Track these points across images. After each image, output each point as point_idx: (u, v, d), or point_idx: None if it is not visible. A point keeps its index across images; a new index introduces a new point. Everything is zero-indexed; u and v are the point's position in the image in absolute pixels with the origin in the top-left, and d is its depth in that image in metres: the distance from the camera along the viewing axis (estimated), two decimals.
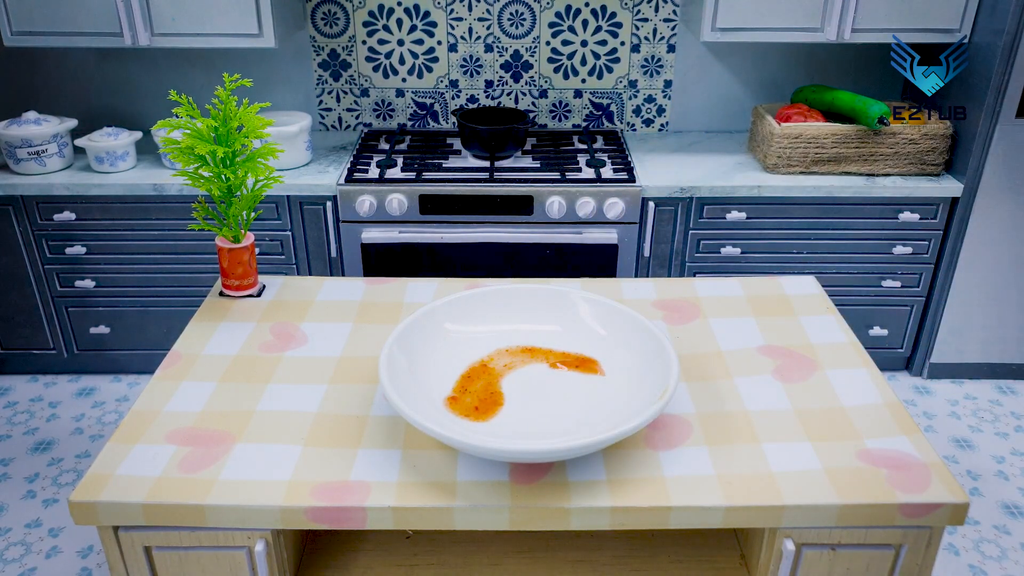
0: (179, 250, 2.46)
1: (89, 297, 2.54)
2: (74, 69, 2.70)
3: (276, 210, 2.38)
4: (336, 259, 2.44)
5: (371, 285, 1.26)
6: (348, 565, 1.02)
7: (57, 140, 2.41)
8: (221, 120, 1.14)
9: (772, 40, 2.37)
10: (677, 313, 1.17)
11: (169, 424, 0.94)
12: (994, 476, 2.26)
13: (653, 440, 0.91)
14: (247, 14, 2.30)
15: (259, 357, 1.08)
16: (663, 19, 2.66)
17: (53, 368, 2.73)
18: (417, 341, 0.95)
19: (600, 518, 0.83)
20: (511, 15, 2.65)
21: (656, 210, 2.37)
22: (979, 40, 2.31)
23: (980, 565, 1.96)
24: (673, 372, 0.85)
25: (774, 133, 2.37)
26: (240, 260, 1.20)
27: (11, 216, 2.40)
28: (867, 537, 0.87)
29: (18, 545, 2.03)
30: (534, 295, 1.03)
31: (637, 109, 2.79)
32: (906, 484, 0.84)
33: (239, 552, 0.88)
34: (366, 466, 0.87)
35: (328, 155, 2.58)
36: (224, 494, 0.84)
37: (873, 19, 2.32)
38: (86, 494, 0.84)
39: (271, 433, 0.93)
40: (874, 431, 0.92)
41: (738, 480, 0.85)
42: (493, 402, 0.91)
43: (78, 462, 2.33)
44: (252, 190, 1.20)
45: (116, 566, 0.90)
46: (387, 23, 2.65)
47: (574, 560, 1.03)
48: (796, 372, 1.03)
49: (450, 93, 2.76)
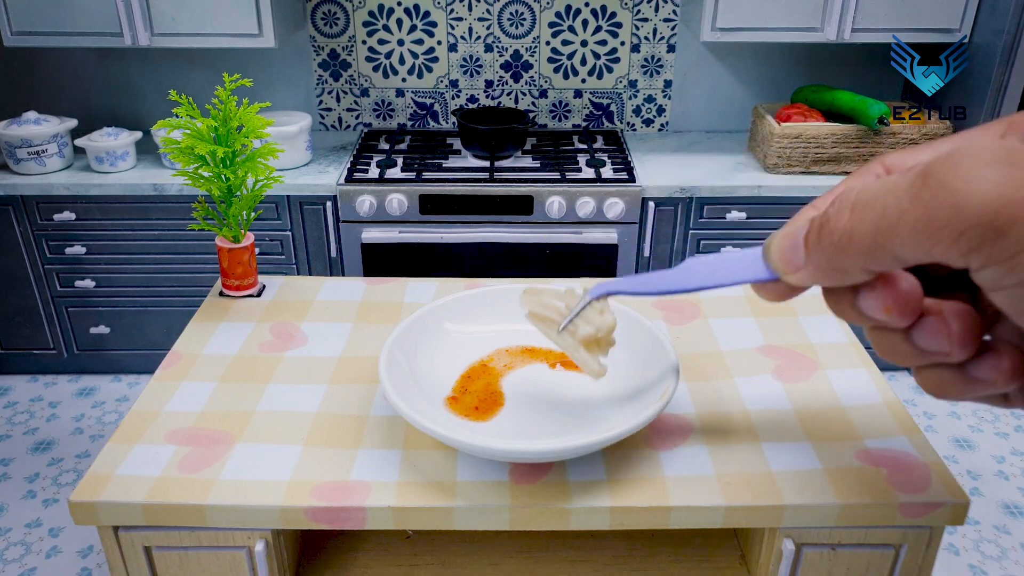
0: (179, 250, 2.46)
1: (89, 297, 2.54)
2: (74, 69, 2.70)
3: (276, 210, 2.38)
4: (336, 259, 2.44)
5: (371, 285, 1.26)
6: (348, 565, 1.02)
7: (57, 140, 2.41)
8: (221, 120, 1.14)
9: (772, 40, 2.37)
10: (677, 313, 1.18)
11: (169, 424, 0.94)
12: (994, 476, 2.26)
13: (653, 440, 0.91)
14: (247, 14, 2.30)
15: (259, 357, 1.08)
16: (663, 19, 2.66)
17: (53, 368, 2.73)
18: (417, 341, 0.95)
19: (600, 518, 0.83)
20: (511, 15, 2.65)
21: (656, 210, 2.37)
22: (979, 40, 2.31)
23: (980, 565, 1.96)
24: (673, 372, 0.85)
25: (774, 133, 2.37)
26: (240, 260, 1.20)
27: (11, 216, 2.40)
28: (867, 537, 0.87)
29: (18, 545, 2.03)
30: None
31: (637, 109, 2.79)
32: (906, 484, 0.84)
33: (239, 552, 0.88)
34: (366, 466, 0.87)
35: (328, 155, 2.58)
36: (224, 494, 0.84)
37: (873, 19, 2.32)
38: (86, 494, 0.84)
39: (271, 433, 0.93)
40: (874, 431, 0.92)
41: (738, 480, 0.85)
42: (493, 402, 0.90)
43: (78, 462, 2.33)
44: (252, 190, 1.20)
45: (116, 566, 0.90)
46: (387, 23, 2.65)
47: (574, 560, 1.03)
48: (796, 372, 1.03)
49: (450, 93, 2.76)
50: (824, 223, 0.38)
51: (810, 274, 0.41)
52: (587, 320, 0.77)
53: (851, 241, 0.36)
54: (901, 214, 0.33)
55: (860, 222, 0.35)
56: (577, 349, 0.78)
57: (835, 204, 0.38)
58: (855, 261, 0.37)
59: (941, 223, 0.31)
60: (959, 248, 0.32)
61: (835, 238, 0.37)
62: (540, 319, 0.81)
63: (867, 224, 0.35)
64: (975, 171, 0.30)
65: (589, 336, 0.77)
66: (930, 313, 0.39)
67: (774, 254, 0.44)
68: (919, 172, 0.33)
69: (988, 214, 0.30)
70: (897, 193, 0.34)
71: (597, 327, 0.77)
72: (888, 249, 0.35)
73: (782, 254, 0.43)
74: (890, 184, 0.34)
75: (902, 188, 0.34)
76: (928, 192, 0.32)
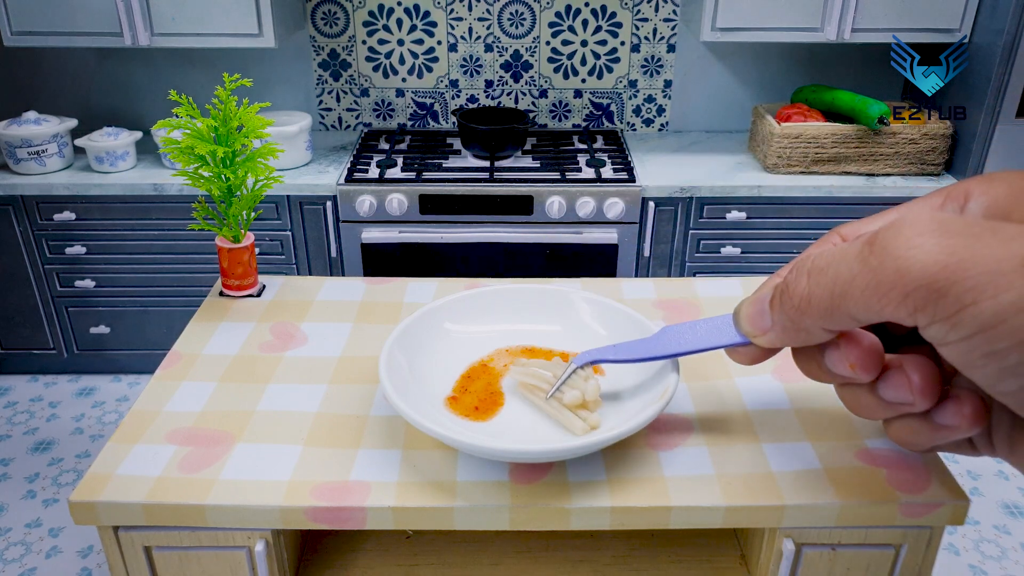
0: (179, 250, 2.46)
1: (89, 297, 2.54)
2: (74, 69, 2.70)
3: (276, 210, 2.38)
4: (336, 259, 2.44)
5: (371, 285, 1.26)
6: (348, 565, 1.02)
7: (57, 140, 2.41)
8: (221, 120, 1.14)
9: (772, 40, 2.37)
10: (677, 313, 1.17)
11: (169, 424, 0.94)
12: (994, 476, 2.26)
13: (653, 440, 0.91)
14: (247, 14, 2.30)
15: (259, 357, 1.08)
16: (663, 19, 2.66)
17: (53, 368, 2.73)
18: (417, 341, 0.95)
19: (600, 518, 0.83)
20: (511, 15, 2.65)
21: (656, 210, 2.37)
22: (979, 40, 2.31)
23: (980, 565, 1.96)
24: (673, 372, 0.85)
25: (774, 133, 2.37)
26: (240, 260, 1.20)
27: (11, 216, 2.40)
28: (867, 537, 0.87)
29: (18, 545, 2.03)
30: (534, 295, 1.03)
31: (637, 109, 2.79)
32: (906, 484, 0.84)
33: (239, 552, 0.88)
34: (366, 466, 0.87)
35: (328, 155, 2.58)
36: (224, 494, 0.84)
37: (873, 19, 2.32)
38: (86, 494, 0.84)
39: (271, 433, 0.93)
40: (874, 431, 0.92)
41: (738, 480, 0.85)
42: (493, 402, 0.90)
43: (78, 462, 2.33)
44: (252, 190, 1.20)
45: (116, 566, 0.90)
46: (387, 23, 2.65)
47: (574, 560, 1.03)
48: (796, 372, 1.03)
49: (450, 93, 2.76)
50: (784, 289, 0.42)
51: (777, 335, 0.45)
52: (572, 386, 0.85)
53: (810, 304, 0.40)
54: (853, 278, 0.37)
55: (817, 287, 0.40)
56: (563, 412, 0.85)
57: (794, 271, 0.42)
58: (815, 321, 0.41)
59: (888, 286, 0.35)
60: (906, 307, 0.35)
61: (796, 302, 0.41)
62: (529, 388, 0.88)
63: (823, 288, 0.39)
64: (915, 240, 0.34)
65: (576, 400, 0.84)
66: (892, 367, 0.43)
67: (743, 320, 0.49)
68: (867, 240, 0.37)
69: (928, 277, 0.33)
70: (848, 260, 0.38)
71: (582, 391, 0.84)
72: (843, 310, 0.38)
73: (750, 319, 0.47)
74: (842, 251, 0.38)
75: (852, 255, 0.37)
76: (875, 258, 0.36)
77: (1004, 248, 0.32)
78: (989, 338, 0.33)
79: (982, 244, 0.33)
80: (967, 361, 0.34)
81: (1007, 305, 0.32)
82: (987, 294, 0.32)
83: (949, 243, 0.33)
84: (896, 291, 0.35)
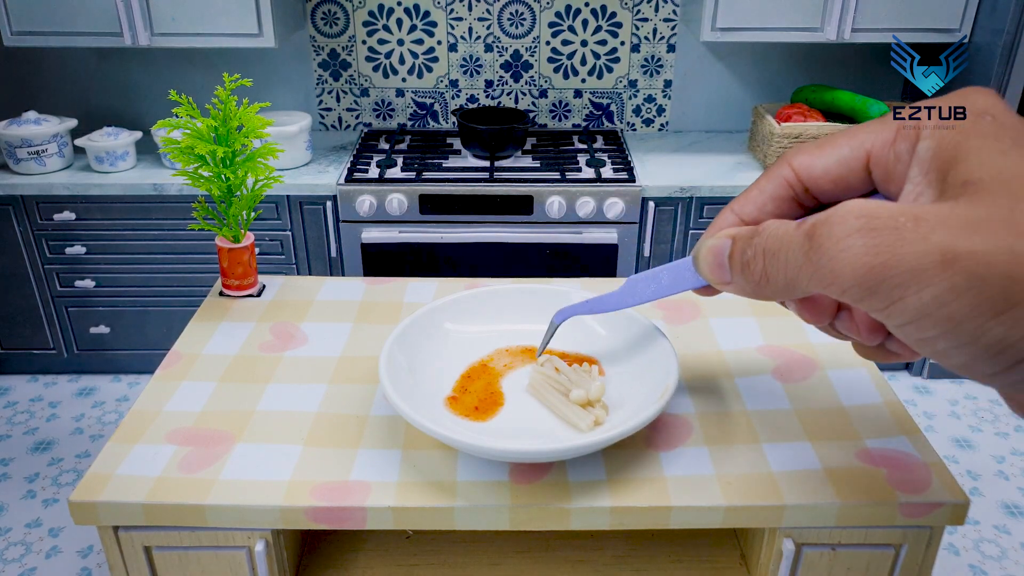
0: (179, 250, 2.46)
1: (89, 297, 2.54)
2: (74, 69, 2.70)
3: (276, 210, 2.38)
4: (336, 259, 2.44)
5: (371, 285, 1.26)
6: (348, 565, 1.02)
7: (57, 140, 2.41)
8: (221, 120, 1.14)
9: (772, 40, 2.37)
10: (677, 313, 1.18)
11: (169, 424, 0.94)
12: (994, 476, 2.26)
13: (653, 440, 0.91)
14: (247, 14, 2.30)
15: (259, 357, 1.08)
16: (663, 19, 2.66)
17: (53, 368, 2.73)
18: (417, 341, 0.95)
19: (600, 518, 0.83)
20: (511, 15, 2.65)
21: (656, 210, 2.37)
22: (979, 40, 2.31)
23: (980, 565, 1.96)
24: (673, 372, 0.85)
25: (774, 133, 2.37)
26: (240, 260, 1.20)
27: (11, 216, 2.40)
28: (867, 537, 0.87)
29: (18, 545, 2.03)
30: (534, 295, 1.03)
31: (637, 109, 2.79)
32: (906, 484, 0.84)
33: (239, 552, 0.88)
34: (366, 466, 0.87)
35: (328, 155, 2.58)
36: (224, 494, 0.84)
37: (873, 19, 2.32)
38: (86, 494, 0.84)
39: (271, 433, 0.93)
40: (874, 431, 0.92)
41: (738, 480, 0.85)
42: (493, 402, 0.90)
43: (78, 462, 2.33)
44: (252, 190, 1.20)
45: (116, 566, 0.90)
46: (387, 23, 2.65)
47: (574, 560, 1.03)
48: (796, 372, 1.03)
49: (450, 93, 2.76)
50: (745, 265, 0.46)
51: (739, 291, 0.49)
52: (578, 385, 0.88)
53: (768, 283, 0.44)
54: (799, 268, 0.41)
55: (772, 269, 0.43)
56: (570, 407, 0.87)
57: (752, 247, 0.45)
58: (775, 294, 0.45)
59: (828, 281, 0.39)
60: (848, 298, 0.38)
61: (756, 278, 0.45)
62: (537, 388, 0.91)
63: (777, 271, 0.43)
64: (844, 241, 0.37)
65: (581, 399, 0.86)
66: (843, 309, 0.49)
67: (704, 268, 0.51)
68: (806, 232, 0.40)
69: (858, 278, 0.37)
70: (794, 249, 0.41)
71: (587, 390, 0.87)
72: (799, 290, 0.42)
73: (711, 269, 0.50)
74: (789, 237, 0.41)
75: (796, 245, 0.41)
76: (814, 254, 0.39)
77: (924, 243, 0.35)
78: (919, 327, 0.36)
79: (905, 242, 0.35)
80: (908, 341, 0.38)
81: (930, 300, 0.35)
82: (911, 291, 0.35)
83: (875, 243, 0.36)
84: (835, 287, 0.38)
